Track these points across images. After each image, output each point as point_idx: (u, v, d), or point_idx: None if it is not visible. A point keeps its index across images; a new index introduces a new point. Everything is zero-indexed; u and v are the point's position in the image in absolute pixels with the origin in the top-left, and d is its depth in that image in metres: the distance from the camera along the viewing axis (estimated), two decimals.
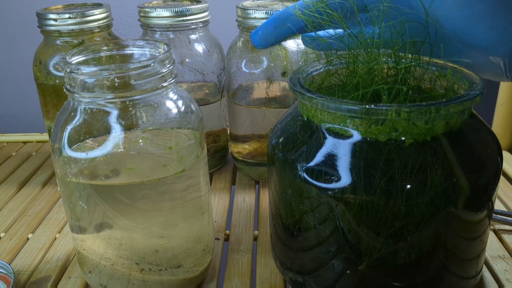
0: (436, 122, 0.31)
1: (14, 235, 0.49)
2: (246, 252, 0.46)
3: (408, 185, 0.30)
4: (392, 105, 0.30)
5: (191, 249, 0.39)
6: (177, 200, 0.37)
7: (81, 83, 0.33)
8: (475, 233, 0.35)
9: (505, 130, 0.65)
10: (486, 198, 0.33)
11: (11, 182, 0.61)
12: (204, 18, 0.56)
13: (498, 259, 0.43)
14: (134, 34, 0.80)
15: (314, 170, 0.33)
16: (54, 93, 0.55)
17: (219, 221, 0.51)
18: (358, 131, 0.32)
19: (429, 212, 0.31)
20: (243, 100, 0.55)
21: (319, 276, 0.36)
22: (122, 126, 0.34)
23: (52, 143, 0.36)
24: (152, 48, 0.39)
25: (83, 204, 0.36)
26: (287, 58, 0.52)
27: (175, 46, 0.55)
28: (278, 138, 0.37)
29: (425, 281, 0.34)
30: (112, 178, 0.35)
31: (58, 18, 0.52)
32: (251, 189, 0.58)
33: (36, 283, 0.42)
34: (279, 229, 0.39)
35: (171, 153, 0.36)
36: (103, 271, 0.38)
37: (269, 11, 0.51)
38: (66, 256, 0.46)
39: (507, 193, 0.54)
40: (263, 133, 0.56)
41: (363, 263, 0.33)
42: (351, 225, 0.32)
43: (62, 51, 0.54)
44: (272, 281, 0.41)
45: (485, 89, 0.32)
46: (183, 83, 0.56)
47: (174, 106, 0.36)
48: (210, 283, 0.42)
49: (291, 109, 0.39)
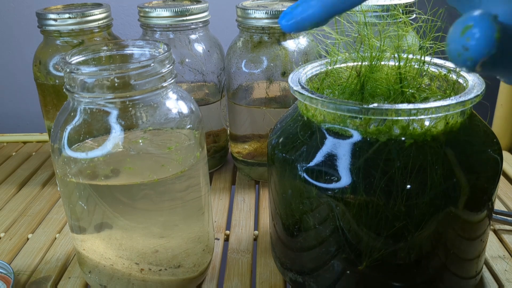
0: (436, 122, 0.31)
1: (14, 235, 0.49)
2: (246, 252, 0.46)
3: (408, 185, 0.30)
4: (392, 105, 0.30)
5: (191, 249, 0.39)
6: (177, 200, 0.37)
7: (81, 83, 0.33)
8: (475, 233, 0.35)
9: (505, 130, 0.65)
10: (486, 198, 0.33)
11: (11, 182, 0.61)
12: (204, 18, 0.56)
13: (498, 259, 0.43)
14: (134, 34, 0.80)
15: (314, 170, 0.33)
16: (54, 93, 0.55)
17: (219, 221, 0.51)
18: (358, 131, 0.32)
19: (429, 212, 0.31)
20: (243, 100, 0.55)
21: (319, 276, 0.36)
22: (122, 126, 0.34)
23: (52, 143, 0.36)
24: (152, 48, 0.39)
25: (83, 204, 0.36)
26: (287, 58, 0.52)
27: (175, 46, 0.55)
28: (278, 138, 0.37)
29: (425, 281, 0.34)
30: (112, 178, 0.35)
31: (58, 18, 0.52)
32: (251, 189, 0.58)
33: (36, 283, 0.42)
34: (279, 229, 0.39)
35: (171, 153, 0.36)
36: (103, 271, 0.38)
37: (269, 11, 0.51)
38: (66, 256, 0.46)
39: (507, 193, 0.54)
40: (263, 133, 0.56)
41: (363, 263, 0.33)
42: (351, 225, 0.32)
43: (62, 51, 0.54)
44: (272, 281, 0.41)
45: (485, 89, 0.32)
46: (183, 83, 0.56)
47: (174, 106, 0.36)
48: (210, 283, 0.42)
49: (291, 109, 0.39)
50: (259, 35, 0.53)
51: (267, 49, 0.52)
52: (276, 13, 0.51)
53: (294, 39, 0.53)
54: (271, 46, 0.52)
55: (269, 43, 0.52)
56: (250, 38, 0.53)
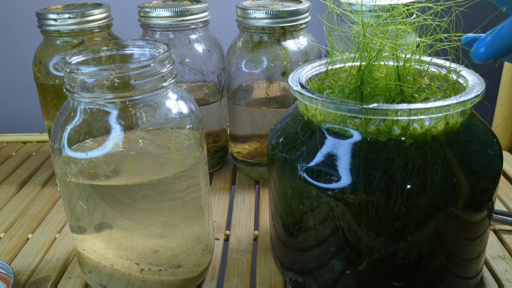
0: (436, 122, 0.31)
1: (14, 235, 0.49)
2: (246, 252, 0.46)
3: (408, 185, 0.30)
4: (392, 105, 0.30)
5: (191, 249, 0.39)
6: (177, 200, 0.37)
7: (81, 83, 0.33)
8: (475, 233, 0.34)
9: (505, 130, 0.65)
10: (486, 198, 0.33)
11: (11, 182, 0.61)
12: (204, 18, 0.56)
13: (498, 259, 0.43)
14: (134, 34, 0.80)
15: (314, 170, 0.33)
16: (54, 93, 0.55)
17: (219, 221, 0.51)
18: (358, 131, 0.32)
19: (429, 212, 0.31)
20: (243, 100, 0.55)
21: (319, 276, 0.36)
22: (122, 126, 0.34)
23: (52, 143, 0.36)
24: (152, 48, 0.39)
25: (83, 204, 0.36)
26: (287, 58, 0.52)
27: (175, 46, 0.55)
28: (278, 138, 0.37)
29: (425, 281, 0.34)
30: (112, 178, 0.35)
31: (58, 18, 0.52)
32: (251, 189, 0.58)
33: (36, 283, 0.42)
34: (279, 229, 0.39)
35: (170, 153, 0.36)
36: (103, 271, 0.38)
37: (269, 11, 0.51)
38: (66, 256, 0.46)
39: (507, 193, 0.54)
40: (263, 133, 0.56)
41: (363, 263, 0.33)
42: (351, 225, 0.32)
43: (62, 51, 0.54)
44: (272, 281, 0.41)
45: (485, 89, 0.32)
46: (183, 83, 0.56)
47: (174, 106, 0.36)
48: (210, 283, 0.42)
49: (291, 109, 0.39)
50: (259, 35, 0.53)
51: (267, 49, 0.52)
52: (276, 13, 0.51)
53: (294, 39, 0.53)
54: (271, 46, 0.52)
55: (269, 43, 0.52)
56: (250, 38, 0.53)
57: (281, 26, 0.51)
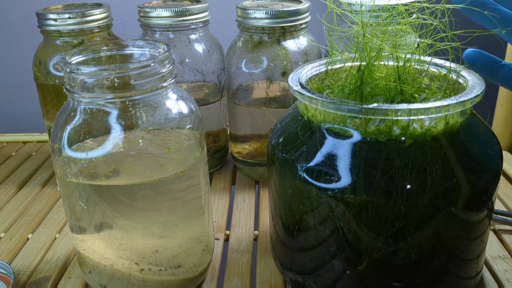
0: (436, 122, 0.31)
1: (14, 235, 0.49)
2: (246, 252, 0.46)
3: (408, 185, 0.30)
4: (392, 105, 0.30)
5: (191, 249, 0.39)
6: (177, 200, 0.37)
7: (81, 83, 0.33)
8: (475, 233, 0.34)
9: (505, 130, 0.65)
10: (486, 198, 0.33)
11: (11, 182, 0.61)
12: (204, 18, 0.56)
13: (498, 259, 0.43)
14: (134, 34, 0.80)
15: (314, 170, 0.33)
16: (54, 93, 0.55)
17: (219, 221, 0.51)
18: (358, 131, 0.32)
19: (429, 212, 0.31)
20: (243, 100, 0.55)
21: (319, 276, 0.36)
22: (122, 126, 0.34)
23: (52, 143, 0.36)
24: (152, 48, 0.39)
25: (83, 204, 0.36)
26: (287, 58, 0.52)
27: (175, 46, 0.55)
28: (278, 138, 0.37)
29: (425, 281, 0.34)
30: (112, 178, 0.35)
31: (58, 18, 0.52)
32: (251, 189, 0.58)
33: (36, 283, 0.42)
34: (279, 229, 0.39)
35: (170, 153, 0.36)
36: (103, 271, 0.38)
37: (269, 11, 0.51)
38: (66, 256, 0.46)
39: (507, 193, 0.54)
40: (263, 133, 0.56)
41: (363, 263, 0.33)
42: (351, 225, 0.32)
43: (62, 51, 0.54)
44: (272, 281, 0.41)
45: (485, 89, 0.32)
46: (183, 83, 0.56)
47: (174, 106, 0.36)
48: (210, 283, 0.42)
49: (291, 109, 0.39)
50: (259, 35, 0.53)
51: (267, 49, 0.52)
52: (276, 13, 0.51)
53: (294, 39, 0.53)
54: (271, 46, 0.52)
55: (269, 43, 0.52)
56: (250, 38, 0.53)
57: (281, 26, 0.51)
